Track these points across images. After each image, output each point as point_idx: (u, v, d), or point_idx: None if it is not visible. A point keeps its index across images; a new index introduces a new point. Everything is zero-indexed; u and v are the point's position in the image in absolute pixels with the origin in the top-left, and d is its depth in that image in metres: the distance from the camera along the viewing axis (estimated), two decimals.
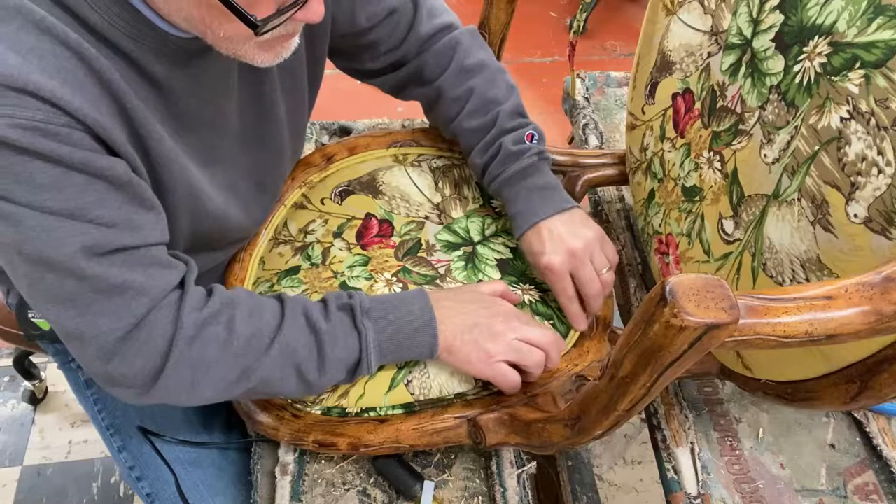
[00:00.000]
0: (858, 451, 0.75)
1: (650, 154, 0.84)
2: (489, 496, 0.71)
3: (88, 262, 0.55)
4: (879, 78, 0.50)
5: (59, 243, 0.54)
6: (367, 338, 0.65)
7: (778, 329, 0.43)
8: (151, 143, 0.59)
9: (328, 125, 1.04)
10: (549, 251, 0.75)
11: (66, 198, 0.53)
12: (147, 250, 0.59)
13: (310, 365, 0.64)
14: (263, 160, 0.77)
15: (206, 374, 0.61)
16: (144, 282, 0.58)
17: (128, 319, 0.58)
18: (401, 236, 0.84)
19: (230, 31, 0.55)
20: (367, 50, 0.83)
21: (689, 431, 0.74)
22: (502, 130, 0.80)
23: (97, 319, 0.57)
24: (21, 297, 0.82)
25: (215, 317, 0.62)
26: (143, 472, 0.83)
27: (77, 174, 0.53)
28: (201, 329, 0.61)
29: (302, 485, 0.71)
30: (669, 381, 0.48)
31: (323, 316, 0.66)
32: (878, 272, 0.45)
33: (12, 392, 1.57)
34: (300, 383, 0.65)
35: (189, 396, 0.63)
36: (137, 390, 0.61)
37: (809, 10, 0.57)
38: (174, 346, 0.59)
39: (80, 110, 0.51)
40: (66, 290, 0.56)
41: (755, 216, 0.64)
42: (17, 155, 0.50)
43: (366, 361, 0.66)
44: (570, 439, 0.62)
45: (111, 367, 0.59)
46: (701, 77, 0.72)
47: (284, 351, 0.63)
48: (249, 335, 0.62)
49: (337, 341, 0.65)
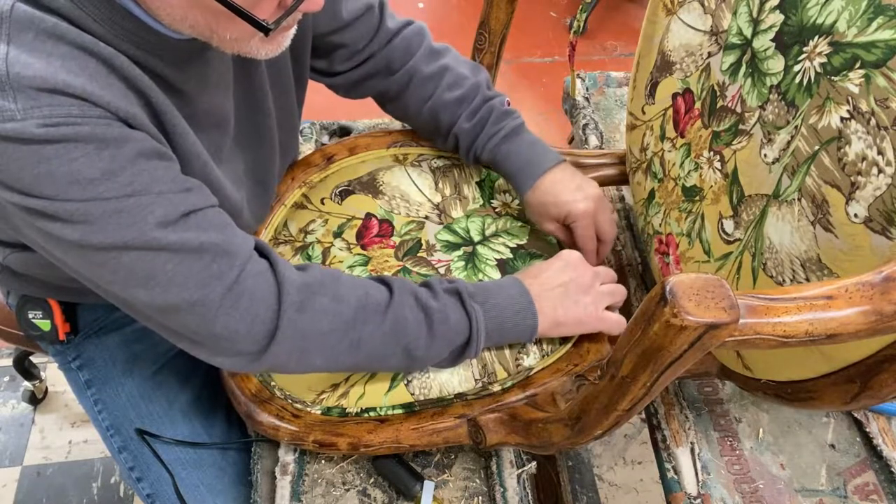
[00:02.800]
0: (858, 451, 0.75)
1: (650, 154, 0.84)
2: (489, 496, 0.71)
3: (163, 231, 0.55)
4: (879, 78, 0.50)
5: (131, 223, 0.54)
6: (476, 319, 0.66)
7: (778, 329, 0.43)
8: (177, 137, 0.60)
9: (328, 125, 1.04)
10: (580, 198, 0.79)
11: (121, 182, 0.53)
12: (215, 210, 0.60)
13: (419, 341, 0.65)
14: (259, 156, 0.77)
15: (317, 344, 0.62)
16: (222, 241, 0.58)
17: (217, 284, 0.57)
18: (401, 236, 0.84)
19: (237, 34, 0.55)
20: (343, 48, 0.84)
21: (689, 431, 0.74)
22: (486, 97, 0.83)
23: (185, 290, 0.57)
24: (22, 297, 0.82)
25: (321, 285, 0.62)
26: (144, 472, 0.83)
27: (124, 155, 0.53)
28: (309, 296, 0.61)
29: (302, 485, 0.71)
30: (669, 380, 0.48)
31: (431, 296, 0.66)
32: (879, 272, 0.45)
33: (12, 392, 1.56)
34: (405, 358, 0.66)
35: (299, 364, 0.63)
36: (247, 357, 0.61)
37: (809, 9, 0.57)
38: (282, 312, 0.60)
39: (112, 103, 0.52)
40: (147, 267, 0.56)
41: (755, 216, 0.64)
42: (61, 154, 0.50)
43: (475, 343, 0.67)
44: (570, 439, 0.62)
45: (215, 332, 0.59)
46: (701, 77, 0.72)
47: (396, 326, 0.64)
48: (358, 307, 0.63)
49: (448, 321, 0.66)
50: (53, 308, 0.83)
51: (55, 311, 0.83)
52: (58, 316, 0.83)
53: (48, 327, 0.83)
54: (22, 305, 0.82)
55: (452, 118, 0.84)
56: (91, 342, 0.86)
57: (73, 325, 0.85)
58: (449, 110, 0.84)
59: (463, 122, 0.83)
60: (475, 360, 0.73)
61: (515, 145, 0.81)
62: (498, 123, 0.82)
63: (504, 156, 0.81)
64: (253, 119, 0.74)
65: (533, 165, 0.80)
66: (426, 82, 0.84)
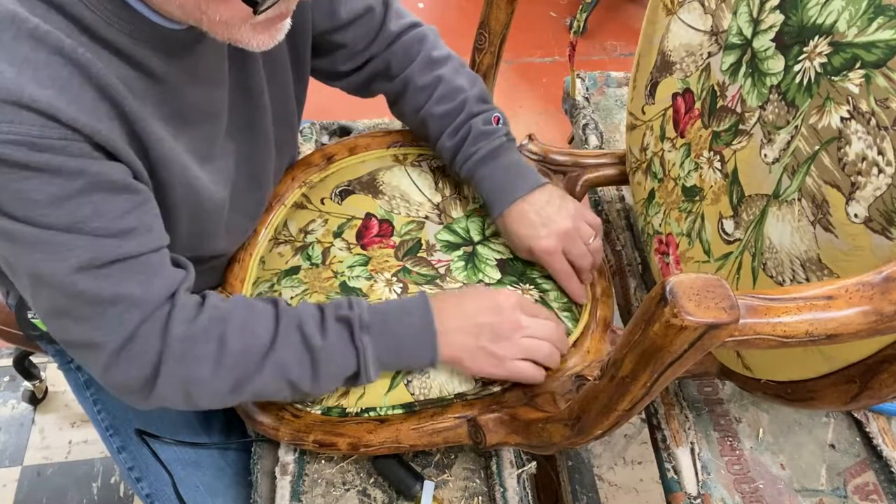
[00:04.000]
0: (858, 451, 0.75)
1: (650, 154, 0.84)
2: (489, 496, 0.71)
3: (82, 276, 0.55)
4: (879, 78, 0.50)
5: (55, 259, 0.54)
6: (364, 354, 0.65)
7: (778, 329, 0.43)
8: (150, 144, 0.59)
9: (328, 125, 1.04)
10: (543, 234, 0.75)
11: (64, 213, 0.53)
12: (147, 258, 0.59)
13: (304, 379, 0.64)
14: (254, 152, 0.76)
15: (199, 389, 0.62)
16: (136, 293, 0.58)
17: (121, 332, 0.58)
18: (401, 236, 0.84)
19: (226, 15, 0.54)
20: (343, 48, 0.83)
21: (689, 431, 0.74)
22: (471, 114, 0.81)
23: (92, 332, 0.58)
24: (21, 297, 0.82)
25: (206, 332, 0.62)
26: (143, 472, 0.83)
27: (74, 187, 0.53)
28: (190, 346, 0.61)
29: (302, 485, 0.71)
30: (669, 381, 0.48)
31: (319, 331, 0.65)
32: (879, 272, 0.45)
33: (12, 392, 1.56)
34: (294, 393, 0.66)
35: (186, 404, 0.64)
36: (136, 396, 0.62)
37: (810, 9, 0.57)
38: (163, 361, 0.60)
39: (77, 120, 0.51)
40: (62, 303, 0.57)
41: (755, 216, 0.64)
42: (14, 171, 0.51)
43: (364, 374, 0.66)
44: (570, 439, 0.62)
45: (109, 376, 0.60)
46: (701, 77, 0.72)
47: (277, 367, 0.63)
48: (240, 351, 0.62)
49: (334, 358, 0.65)
50: None
51: None
52: None
53: (46, 327, 0.83)
54: (21, 305, 0.82)
55: (438, 132, 0.83)
56: None
57: None
58: (436, 124, 0.82)
59: (445, 138, 0.82)
60: None
61: (489, 169, 0.79)
62: (475, 144, 0.79)
63: (478, 179, 0.80)
64: (247, 114, 0.73)
65: (504, 192, 0.77)
66: (419, 93, 0.83)
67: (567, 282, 0.77)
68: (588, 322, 0.77)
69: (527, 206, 0.77)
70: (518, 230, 0.77)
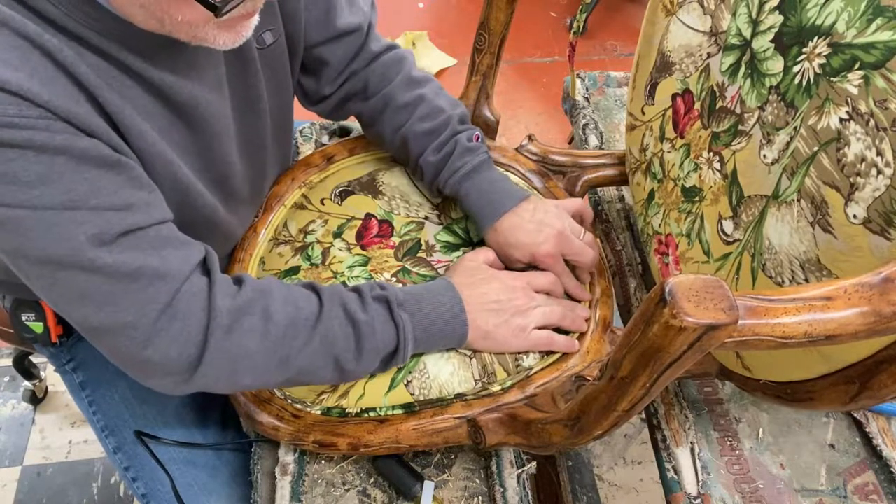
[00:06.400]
0: (858, 451, 0.75)
1: (650, 154, 0.84)
2: (489, 496, 0.71)
3: (97, 251, 0.54)
4: (878, 79, 0.50)
5: (63, 238, 0.52)
6: (404, 329, 0.67)
7: (777, 330, 0.43)
8: (131, 137, 0.58)
9: (328, 125, 1.04)
10: (542, 240, 0.77)
11: (58, 190, 0.51)
12: (156, 229, 0.58)
13: (348, 355, 0.65)
14: (252, 156, 0.76)
15: (246, 364, 0.61)
16: (160, 265, 0.57)
17: (151, 307, 0.57)
18: (400, 236, 0.84)
19: (189, 16, 0.53)
20: (328, 66, 0.83)
21: (689, 431, 0.74)
22: (455, 131, 0.82)
23: (118, 312, 0.56)
24: (15, 300, 0.83)
25: (251, 305, 0.62)
26: (139, 472, 0.83)
27: (63, 163, 0.51)
28: (237, 318, 0.60)
29: (302, 485, 0.71)
30: (669, 381, 0.48)
31: (360, 307, 0.66)
32: (878, 273, 0.45)
33: (12, 392, 1.56)
34: (336, 371, 0.66)
35: (228, 384, 0.63)
36: (176, 379, 0.61)
37: (809, 10, 0.57)
38: (210, 335, 0.59)
39: (51, 102, 0.50)
40: (81, 286, 0.55)
41: (755, 217, 0.64)
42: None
43: (402, 352, 0.67)
44: (570, 440, 0.62)
45: (147, 358, 0.58)
46: (700, 78, 0.72)
47: (324, 341, 0.64)
48: (287, 324, 0.63)
49: (376, 333, 0.66)
50: (46, 310, 0.83)
51: (48, 314, 0.83)
52: (50, 318, 0.84)
53: (41, 329, 0.83)
54: (16, 308, 0.82)
55: (420, 149, 0.82)
56: (84, 344, 0.86)
57: (65, 327, 0.85)
58: (418, 141, 0.82)
59: (429, 154, 0.82)
60: (475, 360, 0.73)
61: (476, 184, 0.80)
62: (461, 159, 0.80)
63: (465, 193, 0.80)
64: (247, 119, 0.73)
65: (492, 206, 0.79)
66: (400, 111, 0.83)
67: (569, 282, 0.79)
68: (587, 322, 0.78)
69: (517, 218, 0.78)
70: (515, 240, 0.77)
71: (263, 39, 0.72)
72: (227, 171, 0.73)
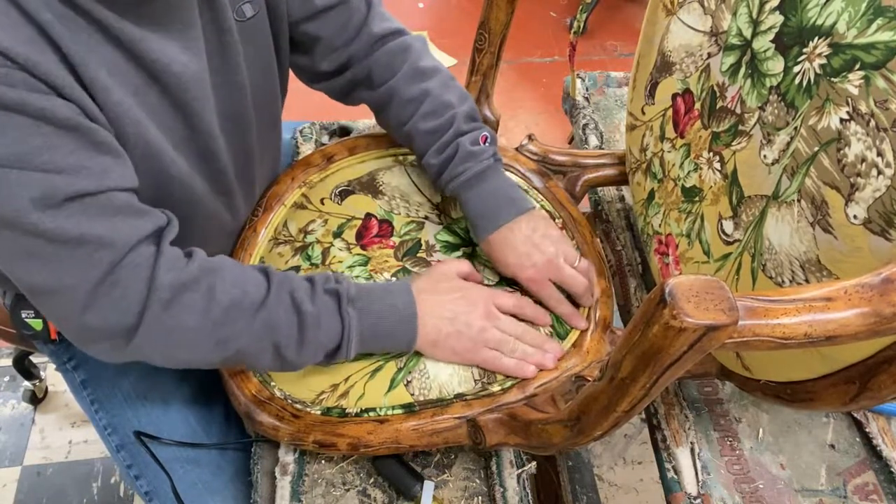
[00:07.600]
0: (858, 451, 0.75)
1: (650, 154, 0.84)
2: (489, 496, 0.71)
3: (41, 214, 0.53)
4: (879, 79, 0.50)
5: (8, 196, 0.52)
6: (349, 326, 0.66)
7: (777, 330, 0.43)
8: (96, 91, 0.56)
9: (328, 125, 1.04)
10: (528, 264, 0.75)
11: (8, 142, 0.50)
12: (108, 196, 0.57)
13: (290, 344, 0.65)
14: (235, 132, 0.74)
15: (182, 339, 0.61)
16: (105, 233, 0.56)
17: (93, 273, 0.56)
18: (400, 236, 0.84)
19: None
20: (319, 41, 0.81)
21: (689, 431, 0.74)
22: (459, 132, 0.79)
23: (61, 275, 0.56)
24: (16, 296, 0.82)
25: (195, 282, 0.61)
26: (142, 470, 0.83)
27: (18, 116, 0.50)
28: (179, 293, 0.60)
29: (302, 485, 0.71)
30: (669, 382, 0.48)
31: (309, 297, 0.65)
32: (878, 274, 0.45)
33: (12, 392, 1.56)
34: (276, 359, 0.66)
35: (164, 358, 0.63)
36: (110, 345, 0.61)
37: (809, 11, 0.57)
38: (148, 307, 0.58)
39: (12, 49, 0.48)
40: (25, 245, 0.54)
41: (755, 217, 0.64)
42: None
43: (345, 348, 0.67)
44: (570, 440, 0.62)
45: (85, 321, 0.58)
46: (701, 77, 0.72)
47: (266, 327, 0.63)
48: (229, 305, 0.62)
49: (320, 326, 0.65)
50: None
51: None
52: None
53: (40, 326, 0.82)
54: (15, 304, 0.82)
55: (424, 148, 0.81)
56: None
57: None
58: (422, 140, 0.81)
59: (431, 156, 0.80)
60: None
61: (475, 192, 0.77)
62: (462, 164, 0.77)
63: (464, 201, 0.79)
64: (225, 91, 0.71)
65: (486, 218, 0.77)
66: (405, 106, 0.81)
67: (557, 307, 0.77)
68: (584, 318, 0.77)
69: (511, 235, 0.76)
70: (504, 258, 0.76)
71: (243, 11, 0.70)
72: (211, 144, 0.70)
